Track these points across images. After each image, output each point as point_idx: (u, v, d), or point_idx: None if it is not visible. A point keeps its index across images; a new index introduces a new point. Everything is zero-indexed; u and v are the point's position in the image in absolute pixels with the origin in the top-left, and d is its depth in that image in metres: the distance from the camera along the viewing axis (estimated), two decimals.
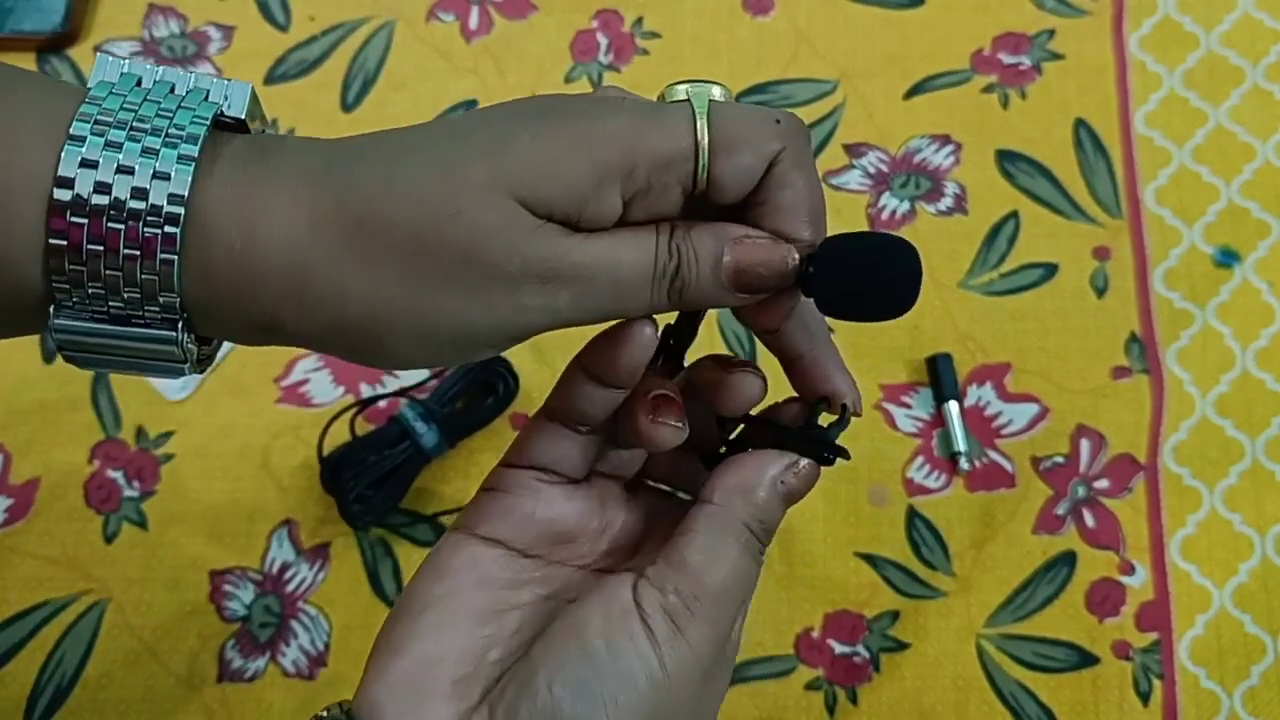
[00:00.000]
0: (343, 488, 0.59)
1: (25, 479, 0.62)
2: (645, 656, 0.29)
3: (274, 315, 0.28)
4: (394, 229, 0.27)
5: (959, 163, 0.68)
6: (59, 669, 0.59)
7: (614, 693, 0.29)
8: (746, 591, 0.32)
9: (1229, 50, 0.70)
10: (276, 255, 0.27)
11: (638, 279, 0.29)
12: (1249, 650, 0.59)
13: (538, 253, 0.28)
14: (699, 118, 0.28)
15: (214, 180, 0.27)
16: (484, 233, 0.27)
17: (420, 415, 0.59)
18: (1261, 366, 0.64)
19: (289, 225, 0.27)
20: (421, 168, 0.28)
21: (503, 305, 0.28)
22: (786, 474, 0.32)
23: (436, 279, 0.27)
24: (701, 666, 0.30)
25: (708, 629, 0.30)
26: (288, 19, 0.72)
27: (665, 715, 0.29)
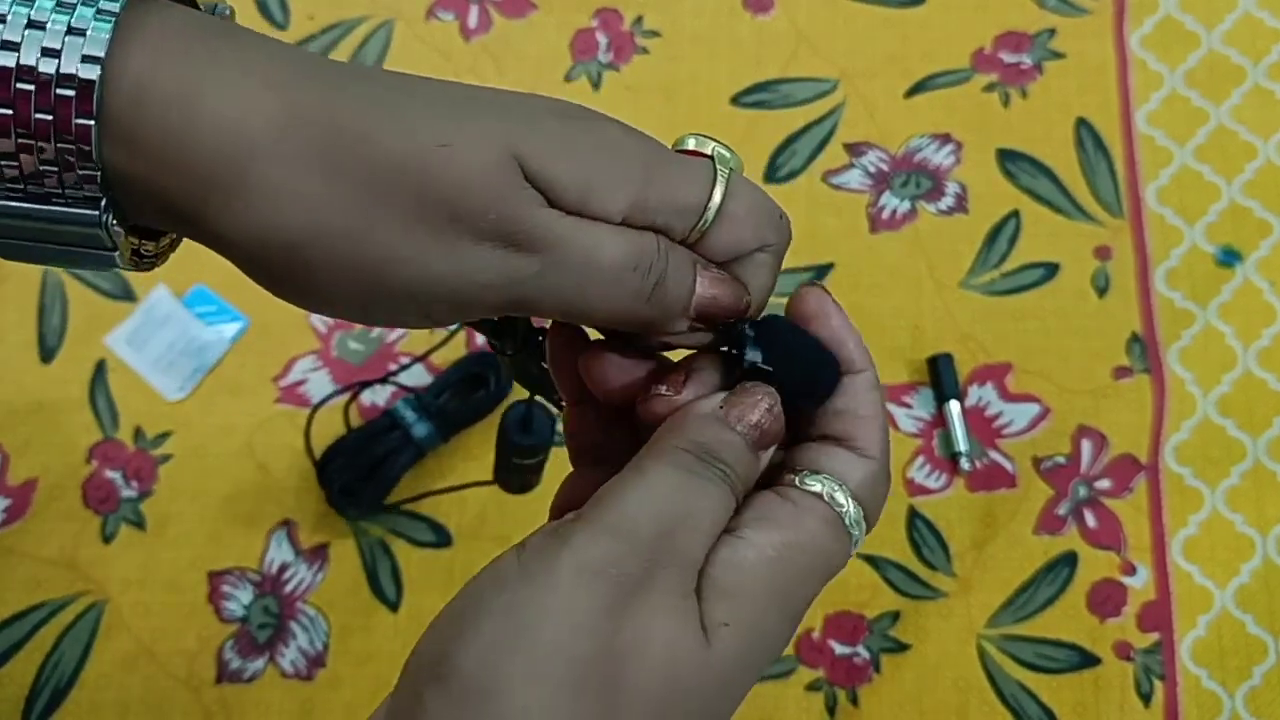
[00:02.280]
0: (330, 476, 0.59)
1: (23, 479, 0.62)
2: (504, 560, 0.26)
3: (198, 203, 0.25)
4: (371, 145, 0.25)
5: (960, 162, 0.68)
6: (57, 670, 0.59)
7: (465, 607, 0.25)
8: (685, 509, 0.26)
9: (1230, 49, 0.70)
10: (221, 135, 0.24)
11: (616, 267, 0.27)
12: (1250, 651, 0.59)
13: (517, 212, 0.26)
14: (719, 180, 0.28)
15: (151, 42, 0.24)
16: (469, 175, 0.25)
17: (413, 407, 0.60)
18: (1263, 366, 0.63)
19: (247, 108, 0.25)
20: (431, 98, 0.26)
21: (462, 258, 0.26)
22: (728, 399, 0.28)
23: (399, 211, 0.25)
24: (588, 579, 0.25)
25: (598, 536, 0.25)
26: (287, 17, 0.71)
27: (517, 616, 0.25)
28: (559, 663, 0.24)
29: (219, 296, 0.65)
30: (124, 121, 0.24)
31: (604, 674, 0.25)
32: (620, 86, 0.70)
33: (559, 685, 0.24)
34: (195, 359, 0.64)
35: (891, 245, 0.66)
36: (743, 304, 0.29)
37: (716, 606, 0.26)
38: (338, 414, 0.62)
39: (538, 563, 0.25)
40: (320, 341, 0.64)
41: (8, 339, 0.64)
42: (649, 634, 0.25)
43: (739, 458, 0.28)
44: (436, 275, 0.26)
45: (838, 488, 0.28)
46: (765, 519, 0.28)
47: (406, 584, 0.60)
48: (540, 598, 0.25)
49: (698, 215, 0.28)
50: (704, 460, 0.27)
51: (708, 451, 0.27)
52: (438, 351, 0.63)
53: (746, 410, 0.28)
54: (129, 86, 0.24)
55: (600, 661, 0.25)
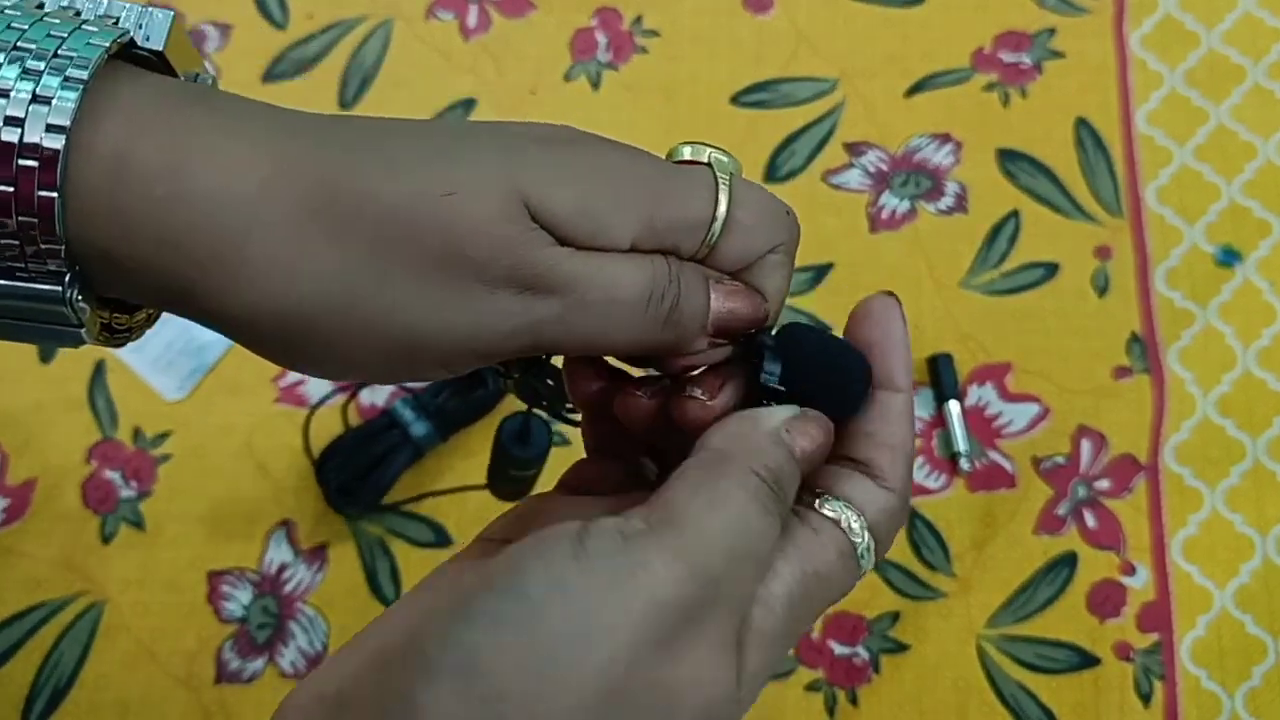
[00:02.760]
0: (328, 475, 0.59)
1: (22, 479, 0.62)
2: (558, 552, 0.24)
3: (192, 281, 0.24)
4: (372, 201, 0.24)
5: (959, 162, 0.68)
6: (56, 670, 0.58)
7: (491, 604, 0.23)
8: (754, 551, 0.25)
9: (1230, 49, 0.70)
10: (213, 208, 0.23)
11: (635, 299, 0.26)
12: (1250, 651, 0.59)
13: (531, 256, 0.25)
14: (722, 188, 0.28)
15: (124, 112, 0.23)
16: (476, 221, 0.24)
17: (411, 406, 0.60)
18: (1263, 366, 0.63)
19: (236, 176, 0.23)
20: (423, 143, 0.25)
21: (480, 308, 0.25)
22: (791, 424, 0.27)
23: (409, 267, 0.24)
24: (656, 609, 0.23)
25: (675, 566, 0.23)
26: (285, 17, 0.71)
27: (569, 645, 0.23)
28: (604, 690, 0.23)
29: None
30: (103, 196, 0.23)
31: (638, 708, 0.23)
32: (619, 86, 0.70)
33: (594, 713, 0.23)
34: (194, 359, 0.64)
35: (891, 245, 0.66)
36: (761, 313, 0.28)
37: (753, 655, 0.26)
38: (337, 413, 0.62)
39: (605, 576, 0.23)
40: None
41: None
42: (696, 680, 0.24)
43: (793, 487, 0.27)
44: (456, 328, 0.25)
45: (855, 518, 0.28)
46: (789, 546, 0.27)
47: (406, 584, 0.60)
48: (601, 614, 0.23)
49: (705, 229, 0.27)
50: (775, 493, 0.26)
51: (778, 482, 0.26)
52: None
53: (806, 441, 0.27)
54: (106, 158, 0.23)
55: (643, 699, 0.23)
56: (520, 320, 0.25)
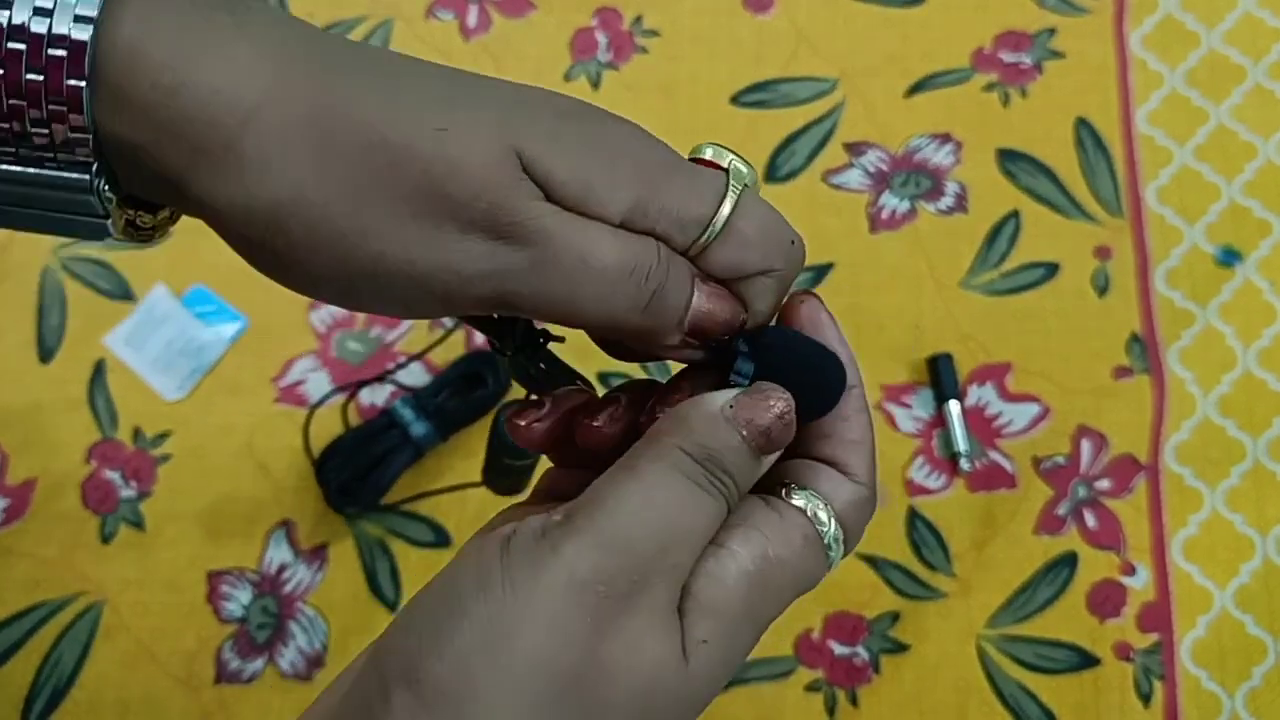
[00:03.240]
0: (328, 474, 0.59)
1: (22, 479, 0.62)
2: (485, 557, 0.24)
3: (186, 169, 0.24)
4: (364, 128, 0.24)
5: (960, 161, 0.68)
6: (56, 670, 0.58)
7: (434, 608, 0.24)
8: (682, 525, 0.25)
9: (1231, 49, 0.70)
10: (212, 103, 0.24)
11: (612, 271, 0.26)
12: (1250, 651, 0.59)
13: (510, 202, 0.25)
14: (730, 195, 0.27)
15: (145, 5, 0.24)
16: (461, 161, 0.25)
17: (411, 407, 0.60)
18: (1263, 366, 0.63)
19: (240, 79, 0.24)
20: (429, 83, 0.26)
21: (447, 247, 0.25)
22: (739, 401, 0.27)
23: (386, 194, 0.25)
24: (577, 591, 0.24)
25: (591, 547, 0.24)
26: None
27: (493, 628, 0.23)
28: (539, 676, 0.23)
29: (218, 296, 0.65)
30: (117, 84, 0.24)
31: (584, 690, 0.24)
32: (620, 86, 0.70)
33: (537, 699, 0.23)
34: (194, 359, 0.64)
35: (891, 245, 0.66)
36: (738, 321, 0.28)
37: (698, 624, 0.25)
38: (336, 413, 0.62)
39: (525, 570, 0.24)
40: (319, 341, 0.64)
41: (6, 339, 0.64)
42: (632, 652, 0.24)
43: (741, 465, 0.26)
44: (421, 263, 0.25)
45: (821, 506, 0.28)
46: (749, 528, 0.27)
47: (405, 584, 0.60)
48: (525, 608, 0.24)
49: (701, 228, 0.27)
50: (706, 469, 0.26)
51: (711, 458, 0.26)
52: (436, 351, 0.63)
53: (757, 414, 0.26)
54: (122, 49, 0.24)
55: (581, 678, 0.24)
56: (486, 266, 0.25)
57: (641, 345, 0.28)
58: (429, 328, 0.64)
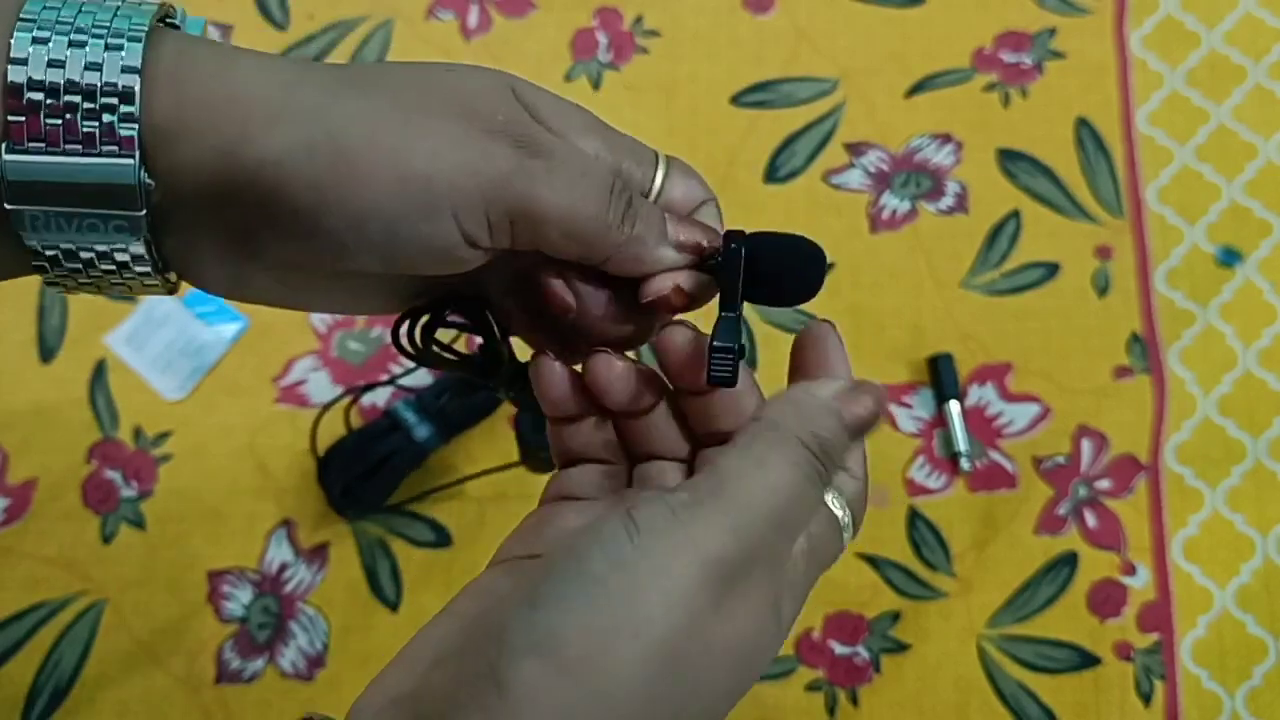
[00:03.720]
0: (331, 477, 0.59)
1: (23, 479, 0.62)
2: (613, 533, 0.26)
3: (242, 130, 0.27)
4: (391, 73, 0.29)
5: (960, 161, 0.68)
6: (57, 670, 0.58)
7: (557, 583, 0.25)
8: (795, 515, 0.27)
9: (1231, 49, 0.70)
10: (256, 80, 0.27)
11: (603, 181, 0.30)
12: (1251, 651, 0.59)
13: (522, 117, 0.29)
14: (660, 155, 0.32)
15: (176, 48, 0.27)
16: (475, 87, 0.29)
17: (413, 409, 0.59)
18: (1264, 366, 0.63)
19: (272, 70, 0.28)
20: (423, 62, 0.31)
21: (482, 148, 0.28)
22: (843, 397, 0.29)
23: (426, 110, 0.28)
24: (706, 571, 0.25)
25: (721, 531, 0.26)
26: (286, 17, 0.71)
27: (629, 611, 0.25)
28: (664, 649, 0.25)
29: None
30: (166, 80, 0.27)
31: (694, 663, 0.25)
32: (620, 86, 0.70)
33: (658, 670, 0.25)
34: (195, 359, 0.64)
35: (892, 245, 0.66)
36: (716, 236, 0.32)
37: (787, 607, 0.28)
38: (338, 414, 0.62)
39: (655, 541, 0.25)
40: (320, 341, 0.64)
41: (7, 338, 0.64)
42: (743, 630, 0.26)
43: (843, 455, 0.29)
44: (465, 166, 0.28)
45: (836, 496, 0.30)
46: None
47: (406, 584, 0.60)
48: (659, 582, 0.25)
49: (653, 163, 0.32)
50: (822, 463, 0.28)
51: (826, 452, 0.28)
52: None
53: (860, 408, 0.29)
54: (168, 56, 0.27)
55: (693, 652, 0.25)
56: (514, 166, 0.28)
57: (638, 267, 0.31)
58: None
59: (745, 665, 0.27)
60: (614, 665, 0.24)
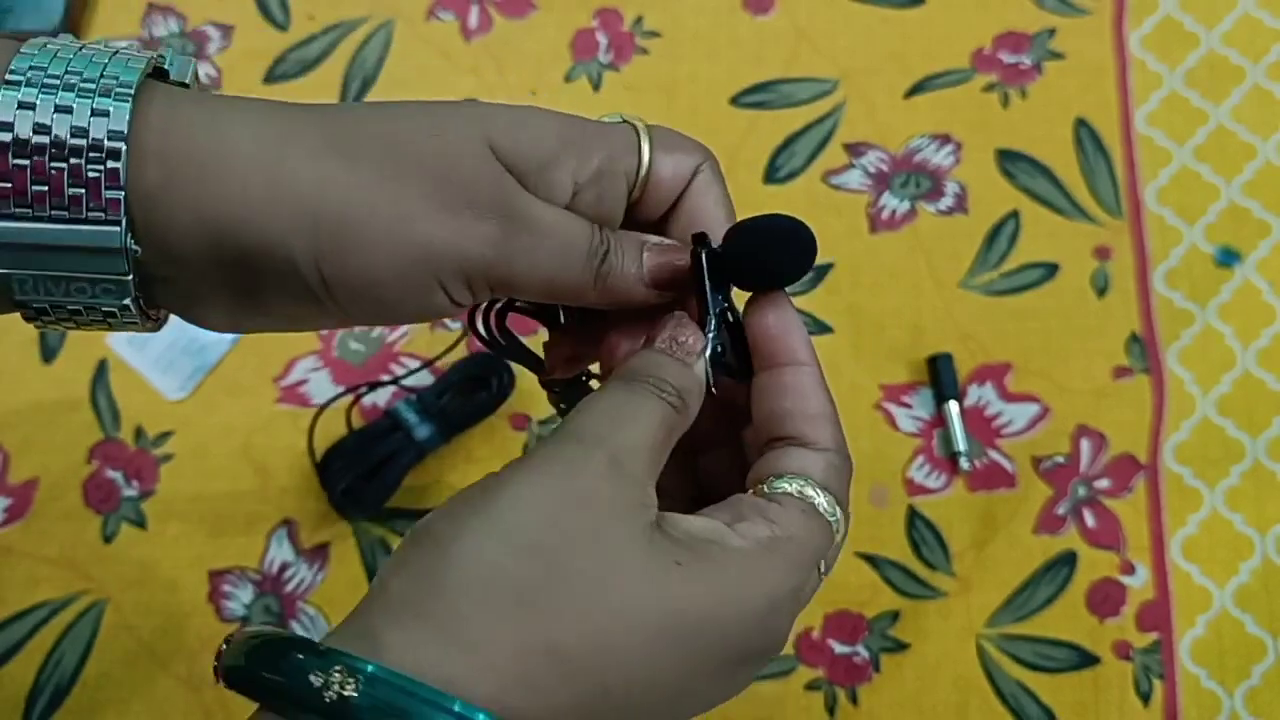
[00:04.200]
0: (332, 478, 0.59)
1: (24, 479, 0.62)
2: (488, 474, 0.29)
3: (241, 209, 0.28)
4: (373, 136, 0.29)
5: (959, 162, 0.68)
6: (58, 669, 0.59)
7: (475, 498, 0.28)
8: (622, 411, 0.30)
9: (1230, 49, 0.70)
10: (247, 146, 0.28)
11: (580, 249, 0.31)
12: (1250, 651, 0.59)
13: (505, 190, 0.30)
14: (642, 133, 0.33)
15: (164, 107, 0.28)
16: (459, 154, 0.29)
17: (414, 409, 0.60)
18: (1263, 366, 0.64)
19: (260, 130, 0.28)
20: (408, 105, 0.31)
21: (469, 226, 0.29)
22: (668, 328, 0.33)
23: (416, 184, 0.29)
24: (550, 468, 0.28)
25: (568, 442, 0.29)
26: (287, 18, 0.72)
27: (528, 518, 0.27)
28: (511, 527, 0.27)
29: None
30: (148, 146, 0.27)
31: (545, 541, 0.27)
32: (620, 86, 0.70)
33: (507, 543, 0.27)
34: (196, 359, 0.64)
35: (891, 245, 0.66)
36: (686, 264, 0.33)
37: (678, 548, 0.28)
38: (338, 414, 0.62)
39: (515, 463, 0.29)
40: (321, 342, 0.64)
41: (8, 338, 0.64)
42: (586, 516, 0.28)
43: (665, 368, 0.32)
44: (458, 243, 0.29)
45: (805, 483, 0.31)
46: (751, 519, 0.30)
47: None
48: (508, 482, 0.28)
49: (635, 148, 0.33)
50: (631, 379, 0.31)
51: (635, 373, 0.31)
52: (437, 350, 0.64)
53: (659, 330, 0.33)
54: (148, 144, 0.27)
55: (544, 529, 0.27)
56: (497, 242, 0.30)
57: (606, 306, 0.34)
58: (430, 328, 0.65)
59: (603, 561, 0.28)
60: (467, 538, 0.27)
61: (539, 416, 0.63)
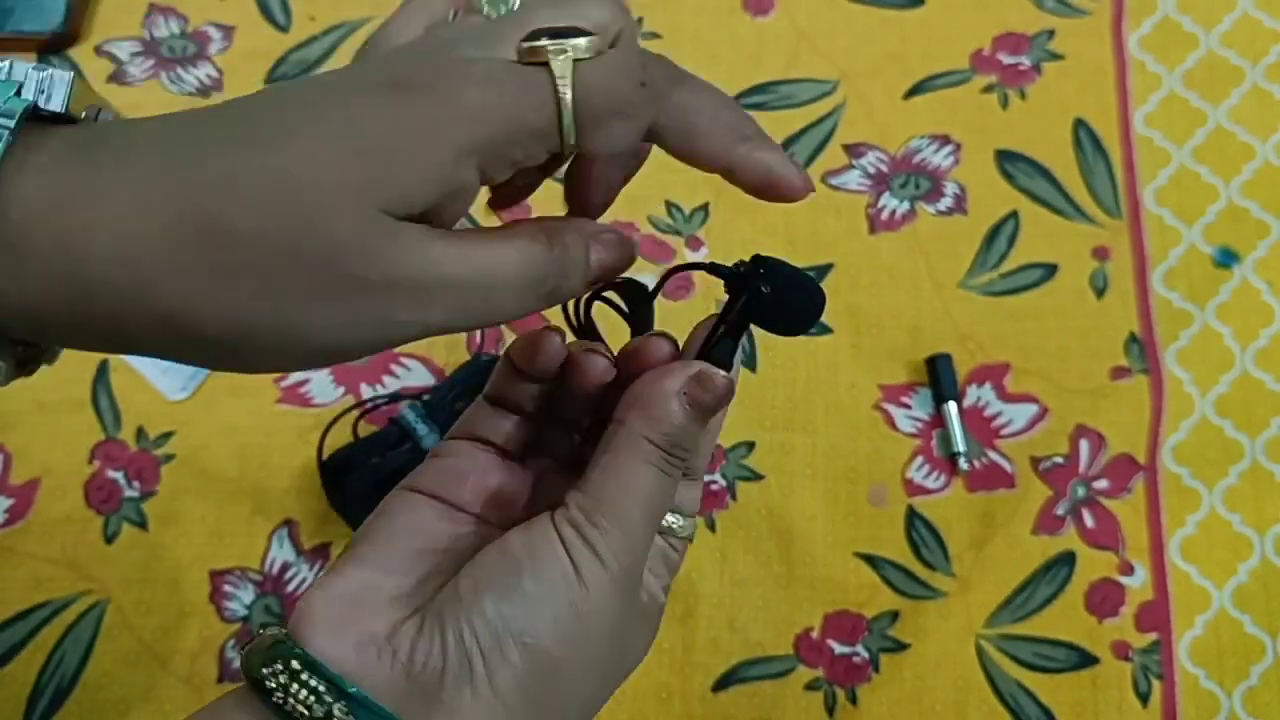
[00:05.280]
0: (348, 490, 0.58)
1: (25, 479, 0.62)
2: (559, 559, 0.30)
3: (117, 328, 0.25)
4: (248, 238, 0.25)
5: (959, 163, 0.68)
6: (59, 669, 0.59)
7: (535, 591, 0.29)
8: (655, 507, 0.31)
9: (1229, 50, 0.70)
10: (113, 268, 0.25)
11: (514, 287, 0.28)
12: (1248, 651, 0.59)
13: (405, 264, 0.26)
14: (561, 87, 0.26)
15: (26, 182, 0.25)
16: (340, 243, 0.25)
17: (421, 417, 0.59)
18: (1261, 367, 0.64)
19: (127, 232, 0.25)
20: (268, 164, 0.25)
21: (370, 320, 0.26)
22: (689, 385, 0.31)
23: (299, 292, 0.25)
24: (615, 581, 0.30)
25: (616, 541, 0.30)
26: (288, 19, 0.72)
27: (585, 622, 0.29)
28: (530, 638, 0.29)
29: None
30: (13, 249, 0.24)
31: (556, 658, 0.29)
32: None
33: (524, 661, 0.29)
34: None
35: (890, 246, 0.67)
36: (633, 251, 0.31)
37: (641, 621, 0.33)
38: (340, 412, 0.62)
39: (586, 572, 0.30)
40: None
41: None
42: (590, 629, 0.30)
43: (695, 441, 0.32)
44: (354, 338, 0.27)
45: (690, 522, 0.36)
46: (664, 574, 0.35)
47: None
48: (532, 594, 0.29)
49: (553, 134, 0.27)
50: (673, 457, 0.31)
51: (677, 445, 0.31)
52: (438, 352, 0.64)
53: (703, 396, 0.31)
54: (16, 216, 0.24)
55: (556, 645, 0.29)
56: (410, 323, 0.27)
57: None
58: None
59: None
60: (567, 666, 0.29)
61: None
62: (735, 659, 0.59)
